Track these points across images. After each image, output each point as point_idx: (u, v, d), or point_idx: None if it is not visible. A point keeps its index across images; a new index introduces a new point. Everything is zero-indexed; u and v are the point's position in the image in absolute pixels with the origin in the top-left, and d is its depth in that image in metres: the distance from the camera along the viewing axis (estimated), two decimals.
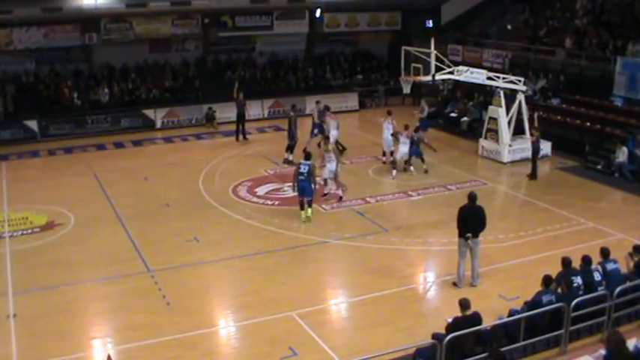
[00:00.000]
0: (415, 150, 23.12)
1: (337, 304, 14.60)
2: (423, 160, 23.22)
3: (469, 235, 14.31)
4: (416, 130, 24.50)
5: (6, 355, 12.27)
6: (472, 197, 14.57)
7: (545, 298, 11.38)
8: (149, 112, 32.00)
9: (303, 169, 18.73)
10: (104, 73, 33.80)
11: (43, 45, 32.05)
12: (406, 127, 23.29)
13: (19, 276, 15.66)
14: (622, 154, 22.64)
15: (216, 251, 17.04)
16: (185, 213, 19.88)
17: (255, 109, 33.12)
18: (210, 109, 32.08)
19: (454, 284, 14.68)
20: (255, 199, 21.04)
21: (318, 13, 36.42)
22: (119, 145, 28.69)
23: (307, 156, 19.24)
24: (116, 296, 14.74)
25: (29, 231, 18.70)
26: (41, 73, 32.84)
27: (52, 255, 16.93)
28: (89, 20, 31.94)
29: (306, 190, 18.78)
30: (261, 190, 21.82)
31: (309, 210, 19.00)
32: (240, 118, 29.15)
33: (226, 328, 13.56)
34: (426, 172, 22.98)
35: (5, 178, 23.88)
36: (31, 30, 31.47)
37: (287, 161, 24.63)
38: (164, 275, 15.56)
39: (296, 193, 19.26)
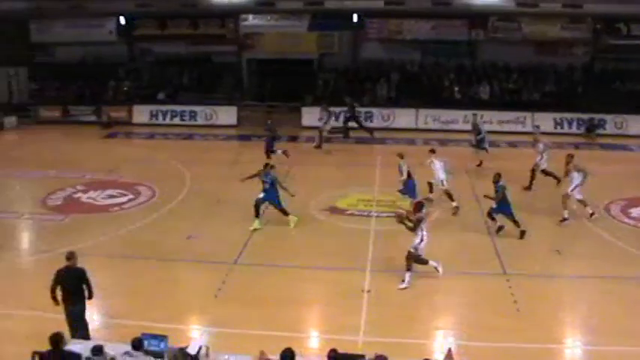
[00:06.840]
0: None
1: None
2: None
3: None
4: None
5: (354, 325, 12.79)
6: None
7: None
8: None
9: None
10: (486, 70, 33.85)
11: (430, 37, 33.18)
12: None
13: (377, 255, 16.24)
14: None
15: (577, 267, 15.95)
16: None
17: None
18: (591, 118, 30.24)
19: None
20: (626, 220, 19.25)
21: None
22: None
23: None
24: (468, 292, 14.61)
25: (392, 214, 19.21)
26: (425, 63, 34.00)
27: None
28: (477, 17, 32.22)
29: None
30: (635, 212, 19.88)
31: None
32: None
33: (571, 349, 12.55)
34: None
35: (380, 163, 24.99)
36: (420, 22, 32.73)
37: None
38: (518, 281, 14.91)
39: None
